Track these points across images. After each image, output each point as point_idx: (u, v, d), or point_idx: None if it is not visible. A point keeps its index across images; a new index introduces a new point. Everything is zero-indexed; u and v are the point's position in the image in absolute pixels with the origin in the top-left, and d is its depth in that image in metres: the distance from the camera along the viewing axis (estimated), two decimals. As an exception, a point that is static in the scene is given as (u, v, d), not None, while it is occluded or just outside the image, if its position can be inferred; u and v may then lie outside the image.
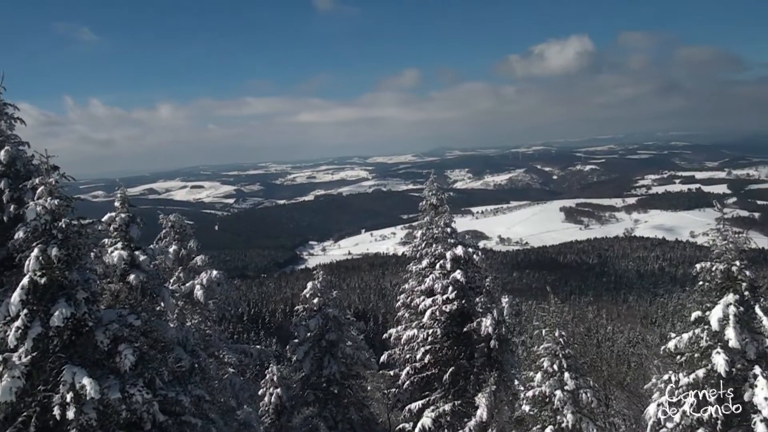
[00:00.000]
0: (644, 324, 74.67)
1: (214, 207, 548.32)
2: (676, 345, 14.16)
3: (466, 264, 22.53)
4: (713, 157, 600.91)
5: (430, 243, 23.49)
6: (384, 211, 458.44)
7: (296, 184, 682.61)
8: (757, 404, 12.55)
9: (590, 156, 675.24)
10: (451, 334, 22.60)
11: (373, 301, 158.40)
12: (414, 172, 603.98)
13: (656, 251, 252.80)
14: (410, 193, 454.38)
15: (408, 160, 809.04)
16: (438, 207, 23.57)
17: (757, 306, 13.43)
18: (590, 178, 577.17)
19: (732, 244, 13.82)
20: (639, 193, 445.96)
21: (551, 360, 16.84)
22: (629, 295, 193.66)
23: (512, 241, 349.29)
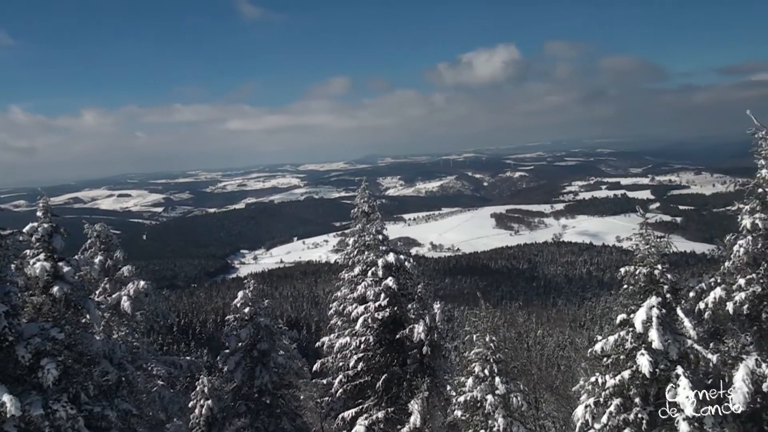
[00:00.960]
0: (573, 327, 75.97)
1: (142, 216, 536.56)
2: (602, 347, 14.47)
3: (398, 271, 22.61)
4: (637, 163, 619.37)
5: (362, 250, 23.51)
6: (316, 218, 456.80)
7: (227, 192, 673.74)
8: (680, 403, 12.90)
9: (519, 163, 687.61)
10: (384, 341, 22.63)
11: (306, 309, 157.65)
12: (346, 180, 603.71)
13: (584, 256, 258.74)
14: (342, 201, 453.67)
15: (340, 168, 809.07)
16: (370, 214, 23.60)
17: (678, 308, 13.84)
18: (520, 185, 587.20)
19: (654, 249, 14.22)
20: (567, 199, 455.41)
21: (482, 365, 17.00)
22: (558, 299, 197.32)
23: (444, 247, 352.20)
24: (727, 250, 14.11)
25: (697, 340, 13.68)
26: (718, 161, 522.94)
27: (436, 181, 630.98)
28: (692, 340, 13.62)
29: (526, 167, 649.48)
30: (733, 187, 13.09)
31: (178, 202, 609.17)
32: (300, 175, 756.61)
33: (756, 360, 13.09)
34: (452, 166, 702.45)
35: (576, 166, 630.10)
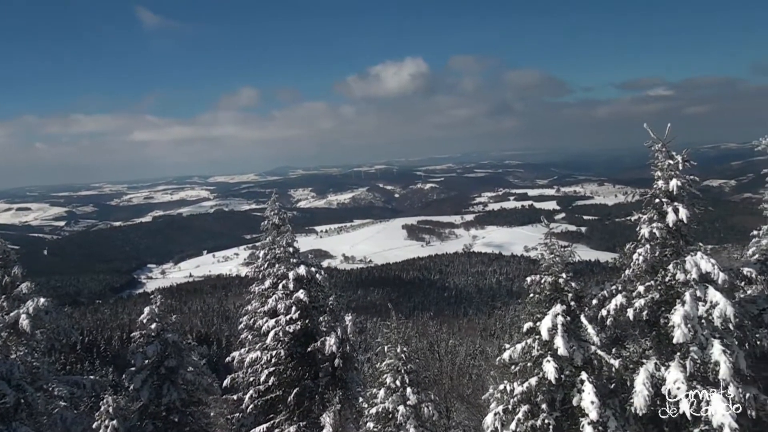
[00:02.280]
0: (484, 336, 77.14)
1: (42, 230, 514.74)
2: (510, 355, 14.76)
3: (309, 283, 22.50)
4: (544, 175, 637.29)
5: (272, 263, 23.29)
6: (226, 231, 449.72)
7: (133, 204, 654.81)
8: (585, 408, 13.29)
9: (430, 174, 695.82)
10: (296, 355, 22.44)
11: (217, 324, 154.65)
12: (257, 192, 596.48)
13: (493, 266, 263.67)
14: (253, 213, 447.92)
15: (251, 180, 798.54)
16: (280, 226, 23.42)
17: (582, 315, 14.28)
18: (430, 196, 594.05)
19: (559, 258, 14.63)
20: (477, 210, 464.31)
21: (394, 376, 17.09)
22: (469, 308, 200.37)
23: (356, 259, 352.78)
24: (627, 258, 14.61)
25: (600, 346, 14.13)
26: (619, 172, 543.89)
27: (347, 193, 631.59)
28: (596, 346, 14.06)
29: (436, 179, 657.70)
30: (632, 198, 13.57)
31: (82, 215, 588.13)
32: (209, 187, 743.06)
33: (655, 364, 13.59)
34: (364, 178, 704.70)
35: (485, 177, 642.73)
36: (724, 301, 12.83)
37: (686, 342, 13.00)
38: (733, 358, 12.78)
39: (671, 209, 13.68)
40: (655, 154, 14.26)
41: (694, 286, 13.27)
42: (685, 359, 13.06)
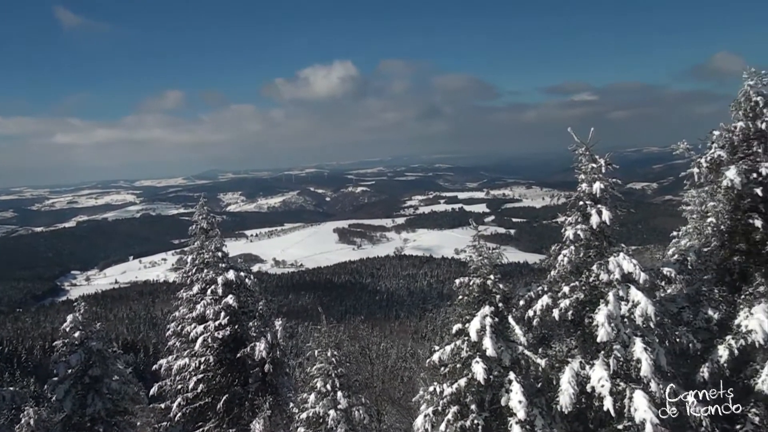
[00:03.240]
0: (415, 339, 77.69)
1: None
2: (440, 357, 14.86)
3: (239, 288, 22.27)
4: (473, 178, 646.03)
5: (201, 268, 22.98)
6: (153, 236, 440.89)
7: (55, 209, 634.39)
8: (513, 407, 13.48)
9: (361, 178, 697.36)
10: (225, 361, 22.18)
11: (144, 331, 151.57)
12: (185, 196, 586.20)
13: (424, 268, 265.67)
14: (181, 218, 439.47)
15: (178, 183, 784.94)
16: (209, 231, 23.14)
17: (510, 316, 14.50)
18: (362, 200, 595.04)
19: (487, 260, 14.82)
20: (407, 214, 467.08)
21: (324, 380, 17.05)
22: (401, 311, 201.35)
23: (287, 263, 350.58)
24: (552, 259, 14.91)
25: (527, 346, 14.38)
26: (547, 175, 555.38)
27: (278, 197, 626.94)
28: (523, 347, 14.29)
29: (367, 182, 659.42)
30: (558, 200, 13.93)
31: (1, 220, 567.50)
32: (136, 191, 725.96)
33: (580, 362, 13.89)
34: (294, 182, 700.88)
35: (416, 181, 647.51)
36: (645, 300, 13.21)
37: (610, 340, 13.33)
38: (654, 356, 13.17)
39: (595, 211, 14.02)
40: (579, 158, 14.59)
41: (617, 286, 13.62)
42: (609, 357, 13.39)
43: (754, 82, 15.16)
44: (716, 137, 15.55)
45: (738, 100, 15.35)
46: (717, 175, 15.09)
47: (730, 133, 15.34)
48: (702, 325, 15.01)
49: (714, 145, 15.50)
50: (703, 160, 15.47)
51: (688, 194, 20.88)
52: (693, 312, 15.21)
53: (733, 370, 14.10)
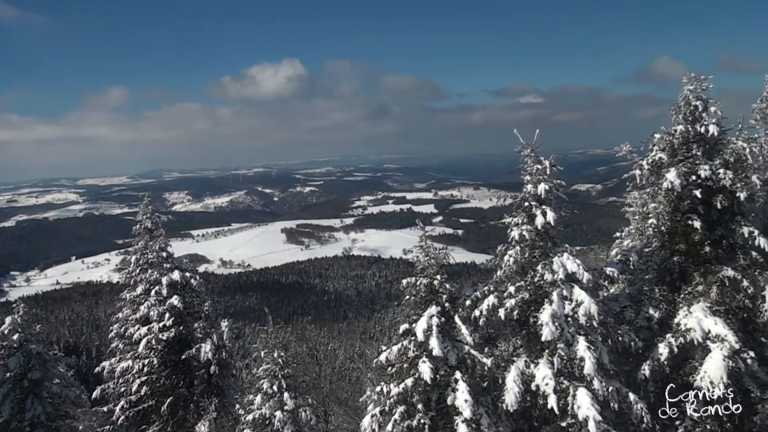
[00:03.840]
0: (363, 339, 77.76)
1: None
2: (387, 357, 14.90)
3: (184, 289, 22.00)
4: (422, 179, 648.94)
5: (145, 269, 22.63)
6: (97, 236, 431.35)
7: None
8: (459, 406, 13.59)
9: (309, 178, 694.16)
10: (169, 363, 21.88)
11: (86, 333, 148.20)
12: (129, 195, 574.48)
13: (372, 269, 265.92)
14: (125, 217, 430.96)
15: (123, 182, 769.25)
16: (153, 231, 22.81)
17: (456, 316, 14.61)
18: (310, 200, 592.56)
19: (434, 260, 14.90)
20: (356, 214, 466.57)
21: (271, 381, 16.93)
22: (349, 312, 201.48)
23: (234, 263, 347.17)
24: (498, 260, 15.07)
25: (473, 345, 14.50)
26: (494, 176, 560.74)
27: (225, 196, 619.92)
28: (469, 346, 14.41)
29: (316, 182, 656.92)
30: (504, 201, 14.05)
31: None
32: (79, 190, 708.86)
33: (525, 361, 14.07)
34: (242, 181, 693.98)
35: (364, 181, 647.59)
36: (588, 299, 13.45)
37: (554, 339, 13.52)
38: (597, 354, 13.41)
39: (539, 212, 14.21)
40: (525, 159, 14.78)
41: (561, 285, 13.84)
42: (553, 356, 13.58)
43: (693, 87, 15.58)
44: (657, 140, 15.93)
45: (678, 104, 15.76)
46: (658, 177, 15.45)
47: (670, 136, 15.72)
48: (643, 324, 15.35)
49: (655, 147, 15.87)
50: (644, 163, 15.82)
51: (631, 196, 21.37)
52: (635, 311, 15.56)
53: (673, 367, 14.47)
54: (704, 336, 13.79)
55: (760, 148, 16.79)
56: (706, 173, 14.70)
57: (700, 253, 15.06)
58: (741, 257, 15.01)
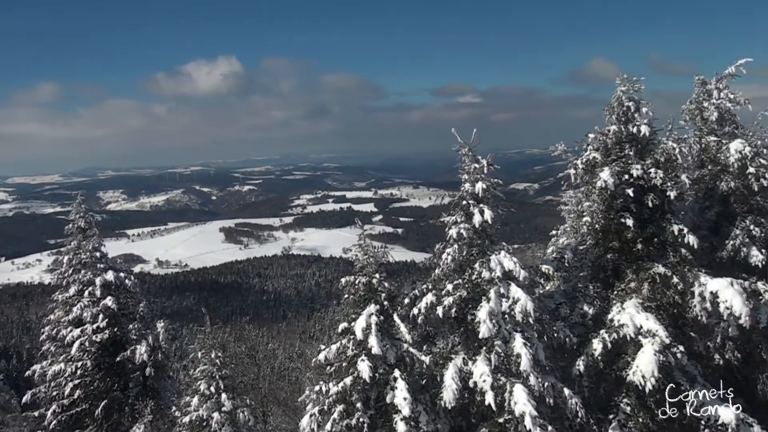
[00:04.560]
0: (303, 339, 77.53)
1: None
2: (326, 356, 14.87)
3: (118, 290, 21.56)
4: (362, 177, 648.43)
5: (78, 269, 22.07)
6: (27, 236, 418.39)
7: None
8: (398, 404, 13.64)
9: (248, 177, 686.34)
10: (103, 365, 21.41)
11: (17, 336, 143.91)
12: (62, 194, 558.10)
13: (312, 268, 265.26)
14: (57, 216, 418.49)
15: (55, 181, 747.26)
16: (86, 230, 22.27)
17: (395, 314, 14.67)
18: (249, 199, 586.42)
19: (372, 259, 14.93)
20: (296, 213, 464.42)
21: (208, 382, 16.73)
22: (289, 311, 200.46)
23: (171, 263, 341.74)
24: (437, 258, 15.17)
25: (412, 343, 14.58)
26: (434, 175, 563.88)
27: (161, 195, 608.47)
28: (408, 344, 14.48)
29: (254, 181, 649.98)
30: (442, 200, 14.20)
31: None
32: (8, 188, 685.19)
33: (463, 359, 14.20)
34: (179, 180, 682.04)
35: (304, 180, 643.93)
36: (524, 297, 13.65)
37: (491, 336, 13.69)
38: (533, 350, 13.63)
39: (477, 211, 14.36)
40: (463, 158, 14.92)
41: (498, 283, 14.01)
42: (491, 353, 13.75)
43: (626, 88, 15.94)
44: (591, 140, 16.25)
45: (612, 105, 16.10)
46: (592, 176, 15.74)
47: (604, 136, 16.06)
48: (578, 320, 15.65)
49: (589, 147, 16.19)
50: (579, 162, 16.11)
51: (567, 194, 21.78)
52: (570, 308, 15.84)
53: (606, 362, 14.77)
54: (636, 331, 14.12)
55: (689, 148, 17.34)
56: (638, 172, 15.04)
57: (633, 250, 15.40)
58: (671, 254, 15.39)
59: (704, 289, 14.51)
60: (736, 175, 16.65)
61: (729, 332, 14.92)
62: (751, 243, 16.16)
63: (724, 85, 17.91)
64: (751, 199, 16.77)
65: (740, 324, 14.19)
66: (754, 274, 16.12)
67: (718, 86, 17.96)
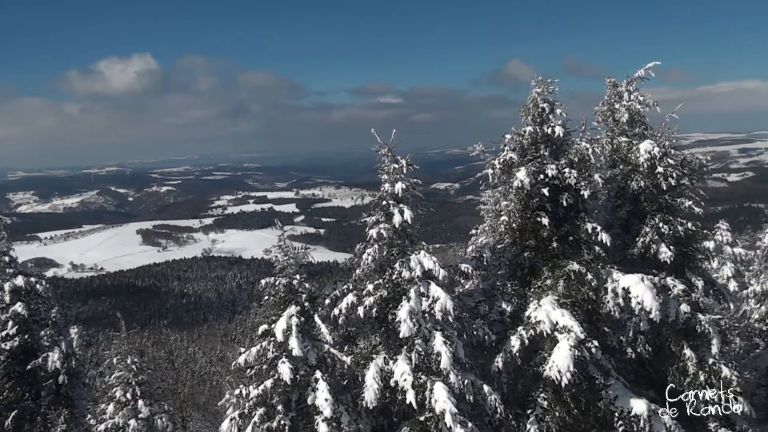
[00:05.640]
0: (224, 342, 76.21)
1: None
2: (246, 359, 14.72)
3: (29, 295, 20.77)
4: (283, 178, 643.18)
5: (-16, 275, 21.15)
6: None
7: None
8: (319, 406, 13.62)
9: (166, 177, 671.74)
10: (13, 374, 20.55)
11: None
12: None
13: (233, 270, 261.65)
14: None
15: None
16: (-7, 234, 21.36)
17: (316, 315, 14.64)
18: (167, 200, 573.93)
19: (293, 260, 14.86)
20: (216, 214, 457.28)
21: (124, 389, 16.38)
22: (209, 314, 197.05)
23: (86, 267, 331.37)
24: (357, 258, 15.22)
25: (333, 344, 14.59)
26: (356, 175, 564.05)
27: (75, 197, 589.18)
28: (329, 345, 14.47)
29: (173, 181, 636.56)
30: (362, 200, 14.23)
31: None
32: None
33: (384, 358, 14.28)
34: (94, 181, 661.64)
35: (224, 180, 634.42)
36: (444, 295, 13.82)
37: (412, 335, 13.81)
38: (453, 348, 13.82)
39: (397, 211, 14.46)
40: (383, 159, 15.00)
41: (418, 282, 14.15)
42: (411, 352, 13.88)
43: (541, 90, 16.34)
44: (508, 140, 16.60)
45: (527, 106, 16.47)
46: (509, 176, 16.08)
47: (520, 136, 16.42)
48: (496, 318, 15.96)
49: (506, 147, 16.54)
50: (496, 162, 16.43)
51: (486, 194, 22.12)
52: (488, 305, 16.12)
53: (524, 358, 15.09)
54: (552, 327, 14.47)
55: (601, 149, 17.87)
56: (553, 172, 15.43)
57: (549, 248, 15.79)
58: (585, 252, 15.84)
59: (617, 285, 15.00)
60: (646, 175, 17.21)
61: (640, 326, 15.39)
62: (660, 240, 16.73)
63: (634, 88, 18.47)
64: (660, 198, 17.34)
65: (651, 318, 14.71)
66: (664, 269, 16.75)
67: (628, 89, 18.51)
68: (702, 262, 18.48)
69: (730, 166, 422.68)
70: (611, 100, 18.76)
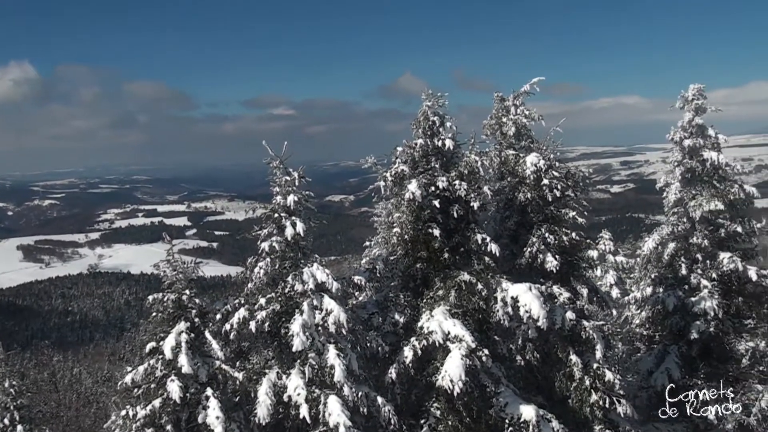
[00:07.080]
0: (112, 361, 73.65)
1: None
2: (133, 378, 14.23)
3: None
4: (173, 191, 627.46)
5: None
6: None
7: None
8: (210, 424, 13.26)
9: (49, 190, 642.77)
10: None
11: None
12: None
13: (122, 286, 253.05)
14: None
15: None
16: None
17: (207, 331, 14.29)
18: (50, 214, 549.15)
19: (182, 274, 14.47)
20: (102, 228, 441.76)
21: (2, 414, 15.45)
22: (96, 333, 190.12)
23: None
24: (249, 272, 14.99)
25: (224, 360, 14.27)
26: (249, 188, 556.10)
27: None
28: (220, 361, 14.16)
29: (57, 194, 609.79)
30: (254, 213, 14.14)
31: None
32: None
33: (277, 373, 14.10)
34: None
35: (111, 193, 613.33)
36: (337, 308, 13.79)
37: (305, 349, 13.69)
38: (347, 361, 13.78)
39: (289, 223, 14.34)
40: (274, 171, 14.86)
41: (311, 295, 14.07)
42: (305, 366, 13.76)
43: (431, 104, 16.62)
44: (400, 153, 16.79)
45: (418, 119, 16.72)
46: (400, 188, 16.25)
47: (411, 149, 16.64)
48: (390, 329, 16.02)
49: (398, 160, 16.71)
50: (388, 174, 16.56)
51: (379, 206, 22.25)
52: (382, 317, 16.17)
53: (417, 369, 15.22)
54: (445, 337, 14.66)
55: (490, 161, 18.30)
56: (443, 184, 15.68)
57: (440, 259, 16.00)
58: (476, 262, 16.16)
59: (506, 294, 15.38)
60: (532, 187, 17.69)
61: (529, 334, 15.84)
62: (546, 250, 17.22)
63: (521, 102, 18.98)
64: (545, 209, 17.86)
65: (538, 326, 15.16)
66: (550, 278, 17.26)
67: (515, 103, 18.98)
68: (586, 271, 19.14)
69: (612, 178, 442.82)
70: (499, 113, 19.16)
